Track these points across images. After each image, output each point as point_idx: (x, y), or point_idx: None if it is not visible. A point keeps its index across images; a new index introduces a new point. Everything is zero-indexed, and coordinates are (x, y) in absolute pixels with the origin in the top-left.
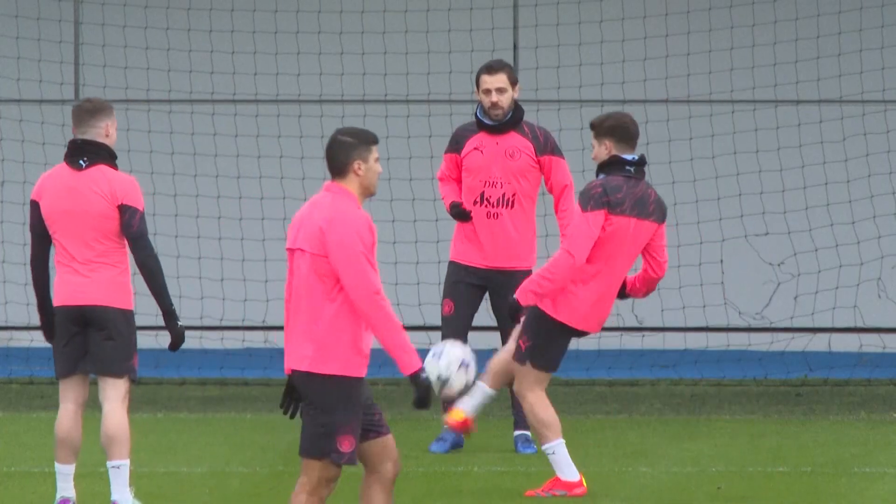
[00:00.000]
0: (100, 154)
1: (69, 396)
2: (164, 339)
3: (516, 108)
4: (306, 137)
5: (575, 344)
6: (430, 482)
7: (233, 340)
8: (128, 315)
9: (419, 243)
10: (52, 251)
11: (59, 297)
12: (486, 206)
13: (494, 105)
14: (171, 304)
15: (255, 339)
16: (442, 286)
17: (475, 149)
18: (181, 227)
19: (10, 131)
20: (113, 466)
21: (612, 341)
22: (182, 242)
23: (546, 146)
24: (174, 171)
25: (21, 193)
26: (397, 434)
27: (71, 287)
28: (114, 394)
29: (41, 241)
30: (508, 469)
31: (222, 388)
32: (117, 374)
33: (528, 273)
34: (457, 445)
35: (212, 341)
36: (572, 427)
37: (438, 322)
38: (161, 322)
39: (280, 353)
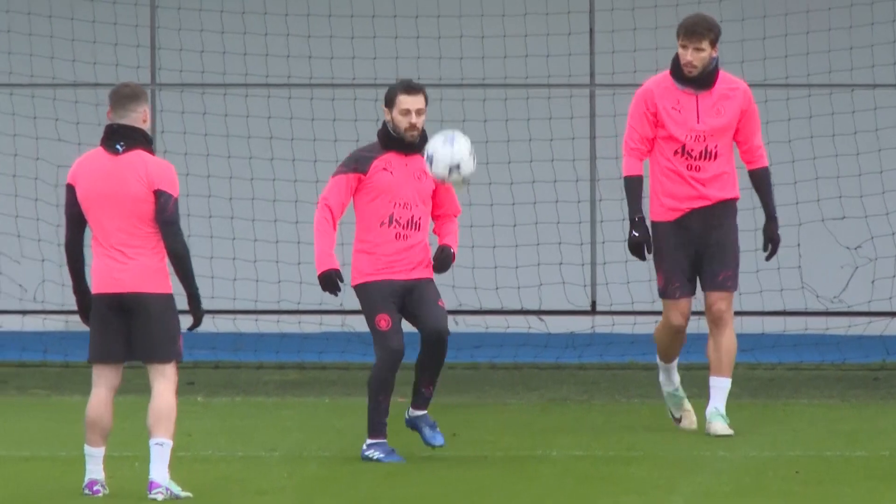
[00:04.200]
0: (137, 139)
1: (102, 381)
2: (242, 324)
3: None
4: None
5: (649, 329)
6: (507, 466)
7: (310, 324)
8: (167, 299)
9: (495, 227)
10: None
11: (96, 284)
12: (394, 227)
13: (412, 126)
14: (197, 288)
15: (333, 323)
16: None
17: (384, 170)
18: (258, 211)
19: (87, 115)
20: (156, 443)
21: (689, 325)
22: (259, 226)
23: None
24: (251, 154)
25: None
26: (474, 418)
27: (109, 274)
28: (162, 378)
29: (77, 224)
30: (587, 453)
31: (300, 371)
32: (163, 360)
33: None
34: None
35: (289, 325)
36: (652, 412)
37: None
38: (238, 306)
39: (357, 336)
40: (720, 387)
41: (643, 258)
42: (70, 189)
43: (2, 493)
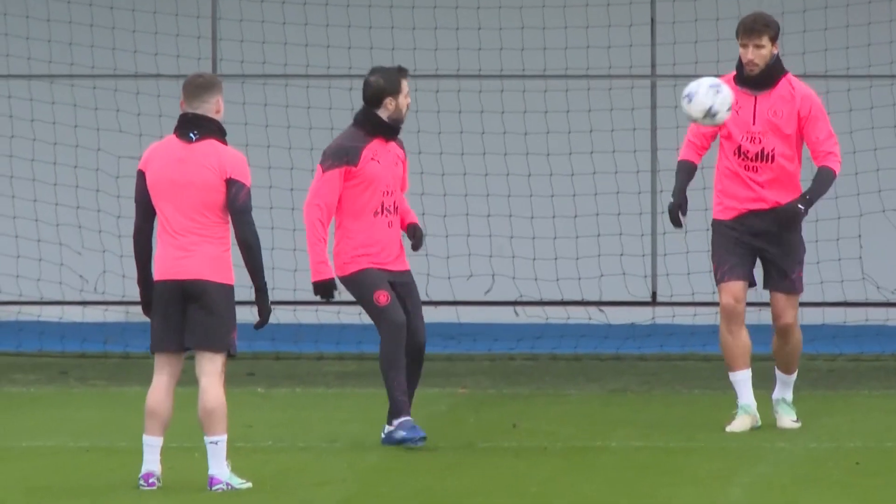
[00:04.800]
0: (210, 128)
1: (163, 370)
2: (302, 315)
3: None
4: (443, 112)
5: (710, 320)
6: (566, 457)
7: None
8: (228, 290)
9: (556, 218)
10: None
11: (159, 271)
12: (385, 215)
13: (408, 107)
14: (265, 282)
15: None
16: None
17: (372, 159)
18: None
19: (148, 106)
20: (211, 442)
21: (749, 316)
22: None
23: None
24: (312, 146)
25: None
26: (534, 409)
27: (172, 261)
28: (211, 368)
29: (145, 212)
30: (646, 444)
31: (360, 362)
32: (216, 349)
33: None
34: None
35: (349, 316)
36: (712, 402)
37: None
38: (299, 297)
39: None
40: (785, 381)
41: (678, 223)
42: (140, 175)
43: (61, 482)
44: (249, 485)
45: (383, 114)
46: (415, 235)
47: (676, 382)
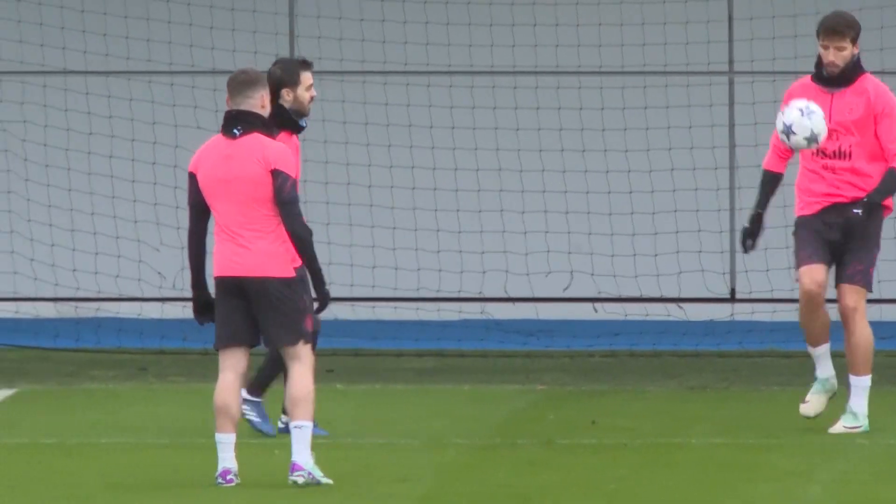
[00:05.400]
0: (254, 123)
1: (228, 366)
2: (381, 311)
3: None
4: (521, 109)
5: (789, 317)
6: (646, 453)
7: (449, 312)
8: (289, 282)
9: (634, 214)
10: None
11: (218, 268)
12: None
13: (312, 100)
14: (320, 269)
15: (472, 311)
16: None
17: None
18: (397, 199)
19: (224, 103)
20: (296, 427)
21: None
22: (398, 214)
23: None
24: (389, 142)
25: None
26: (614, 405)
27: (230, 258)
28: (297, 361)
29: (199, 214)
30: (724, 441)
31: (439, 359)
32: (290, 343)
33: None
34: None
35: (428, 313)
36: (790, 399)
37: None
38: (377, 294)
39: (496, 324)
40: (857, 385)
41: (745, 250)
42: (192, 177)
43: (141, 479)
44: (330, 482)
45: (288, 104)
46: None
47: (755, 379)
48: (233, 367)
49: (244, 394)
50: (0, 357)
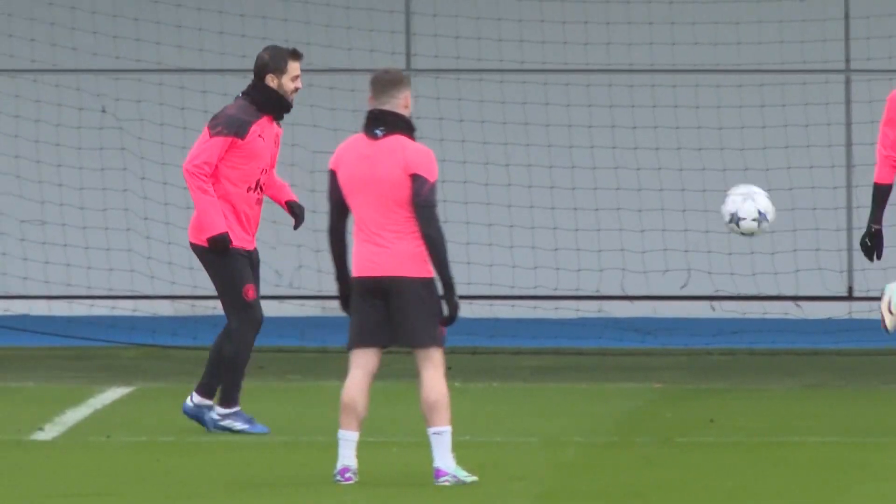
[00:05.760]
0: (397, 124)
1: (360, 365)
2: (499, 309)
3: None
4: (637, 108)
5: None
6: (763, 452)
7: (567, 310)
8: (427, 283)
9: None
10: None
11: (356, 268)
12: (258, 192)
13: (296, 91)
14: (452, 278)
15: (589, 309)
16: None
17: (259, 136)
18: (514, 197)
19: (342, 101)
20: (434, 433)
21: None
22: (514, 212)
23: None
24: (506, 141)
25: None
26: (732, 404)
27: (369, 258)
28: (429, 364)
29: (338, 211)
30: (842, 440)
31: (557, 357)
32: (425, 345)
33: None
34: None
35: (546, 311)
36: (888, 398)
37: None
38: (494, 292)
39: (614, 322)
40: None
41: (870, 260)
42: (332, 174)
43: (259, 476)
44: (475, 478)
45: (272, 90)
46: (295, 213)
47: (874, 378)
48: (364, 366)
49: (220, 409)
50: (118, 355)
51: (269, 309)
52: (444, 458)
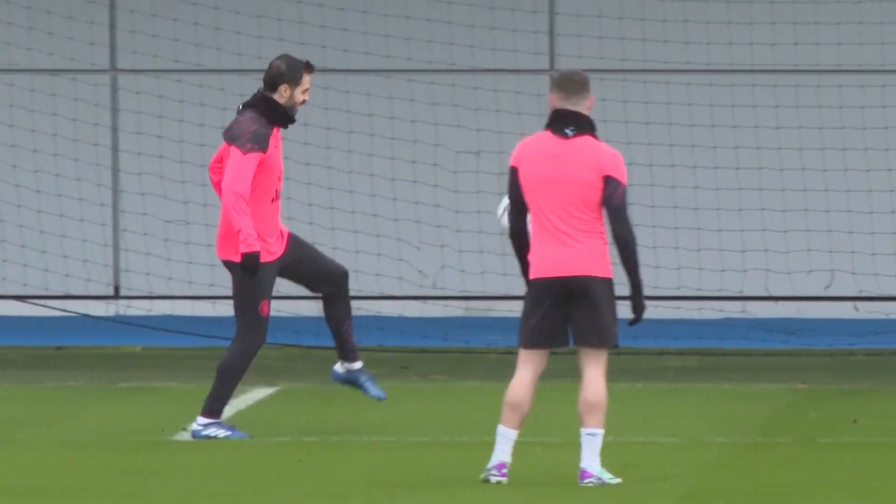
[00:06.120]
0: (586, 126)
1: (528, 365)
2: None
3: None
4: (781, 107)
5: None
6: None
7: (710, 311)
8: (609, 283)
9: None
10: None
11: (539, 269)
12: (278, 201)
13: (303, 103)
14: (640, 279)
15: (733, 309)
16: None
17: (275, 147)
18: (656, 197)
19: (485, 101)
20: (588, 434)
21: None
22: (657, 212)
23: None
24: (649, 140)
25: (497, 164)
26: (876, 405)
27: (553, 258)
28: (595, 363)
29: (519, 209)
30: None
31: (700, 358)
32: (600, 345)
33: None
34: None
35: (689, 311)
36: None
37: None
38: (650, 292)
39: (759, 322)
40: None
41: None
42: (513, 171)
43: (402, 477)
44: (619, 481)
45: (278, 100)
46: None
47: None
48: (534, 366)
49: (202, 419)
50: (261, 356)
51: (412, 310)
52: (592, 460)
